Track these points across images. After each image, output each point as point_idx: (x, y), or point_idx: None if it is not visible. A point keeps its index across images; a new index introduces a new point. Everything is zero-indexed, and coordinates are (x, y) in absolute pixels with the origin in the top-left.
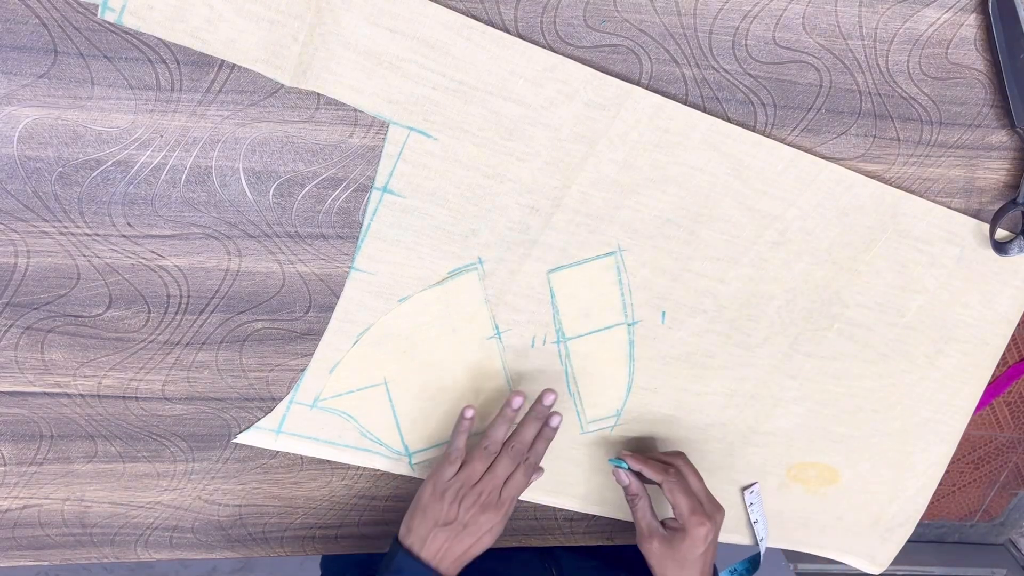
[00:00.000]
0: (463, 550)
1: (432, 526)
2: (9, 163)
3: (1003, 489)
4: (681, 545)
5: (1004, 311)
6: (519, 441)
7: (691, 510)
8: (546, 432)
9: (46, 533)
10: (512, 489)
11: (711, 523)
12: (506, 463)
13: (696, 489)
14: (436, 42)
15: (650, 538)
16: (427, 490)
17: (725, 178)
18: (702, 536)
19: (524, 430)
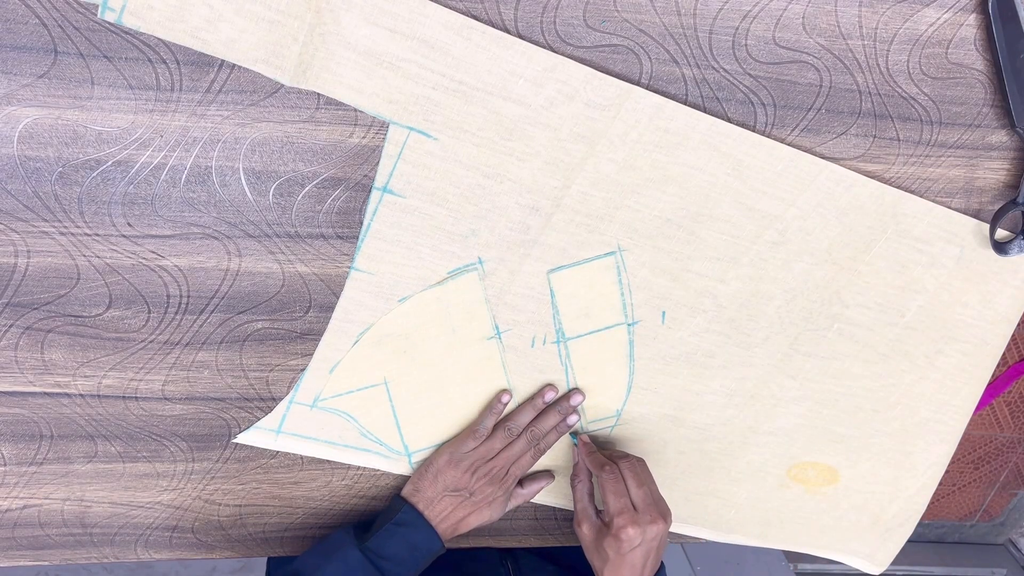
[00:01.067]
0: (462, 517)
1: (442, 490)
2: (9, 163)
3: (1003, 489)
4: (604, 540)
5: (1004, 311)
6: (539, 428)
7: (618, 511)
8: (561, 427)
9: (46, 533)
10: (519, 468)
11: (637, 529)
12: (522, 444)
13: (634, 494)
14: (436, 42)
15: (580, 522)
16: (443, 457)
17: (725, 178)
18: (624, 539)
19: (546, 419)
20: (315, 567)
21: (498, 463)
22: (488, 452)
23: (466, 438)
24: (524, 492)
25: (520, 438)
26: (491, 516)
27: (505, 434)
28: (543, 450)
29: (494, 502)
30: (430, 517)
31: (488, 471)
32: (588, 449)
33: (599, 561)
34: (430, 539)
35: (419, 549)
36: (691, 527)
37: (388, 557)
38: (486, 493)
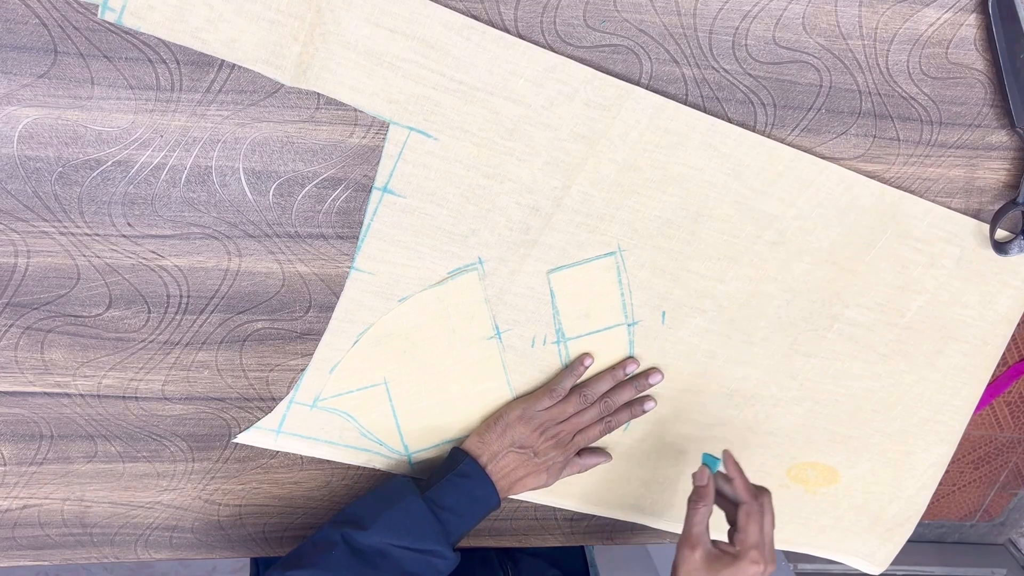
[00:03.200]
0: (521, 476)
1: (508, 445)
2: (9, 163)
3: (1003, 489)
4: (723, 570)
5: (1004, 311)
6: (613, 400)
7: (755, 544)
8: (635, 408)
9: (46, 533)
10: (584, 437)
11: (764, 567)
12: (594, 413)
13: (766, 531)
14: (436, 42)
15: (695, 547)
16: (515, 412)
17: (725, 178)
18: (749, 573)
19: (621, 392)
20: (376, 513)
21: (567, 427)
22: (560, 414)
23: (542, 396)
24: (582, 462)
25: (593, 406)
26: (547, 481)
27: (580, 399)
28: (613, 427)
29: (552, 466)
30: (492, 472)
31: (556, 433)
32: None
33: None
34: (490, 494)
35: (479, 502)
36: None
37: (448, 507)
38: (549, 456)
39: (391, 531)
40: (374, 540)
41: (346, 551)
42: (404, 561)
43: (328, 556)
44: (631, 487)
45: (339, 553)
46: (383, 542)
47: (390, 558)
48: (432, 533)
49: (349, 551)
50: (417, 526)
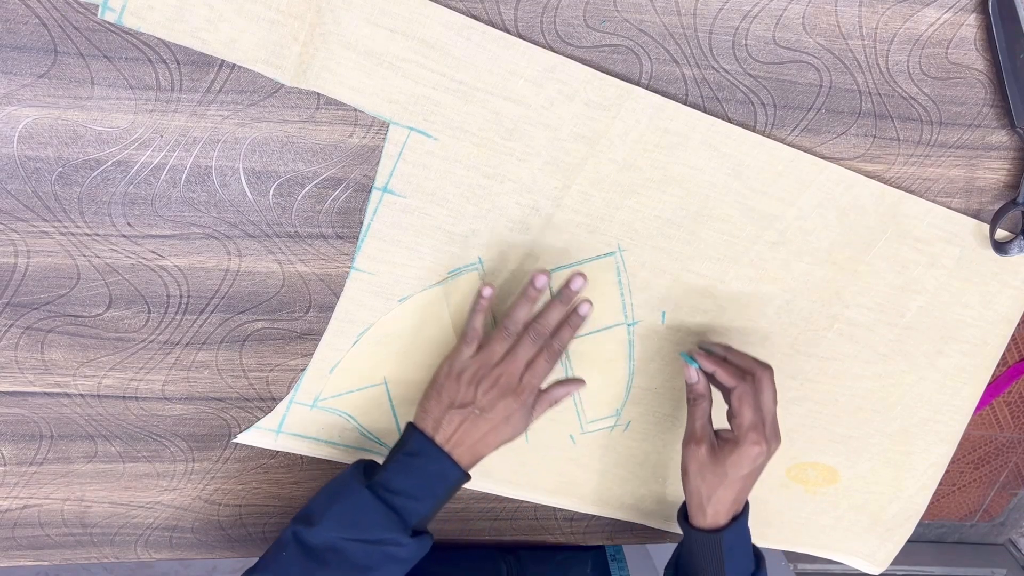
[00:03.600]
0: (479, 436)
1: (447, 407)
2: (9, 163)
3: (1003, 489)
4: (728, 458)
5: (1004, 311)
6: (541, 323)
7: (752, 425)
8: (573, 319)
9: (46, 533)
10: (533, 376)
11: (767, 446)
12: (527, 345)
13: (766, 408)
14: (436, 42)
15: (699, 442)
16: (443, 370)
17: (725, 178)
18: (752, 455)
19: (548, 313)
20: (325, 508)
21: (505, 370)
22: (489, 357)
23: (460, 345)
24: (548, 396)
25: (523, 338)
26: (513, 432)
27: (502, 335)
28: (558, 351)
29: (511, 417)
30: (441, 441)
31: (494, 381)
32: (717, 361)
33: (711, 483)
34: (445, 467)
35: (435, 479)
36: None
37: (400, 491)
38: (498, 407)
39: (339, 525)
40: (324, 536)
41: (296, 551)
42: (356, 555)
43: (279, 557)
44: (631, 487)
45: (289, 553)
46: (333, 537)
47: (341, 553)
48: (382, 521)
49: (300, 550)
50: (365, 517)
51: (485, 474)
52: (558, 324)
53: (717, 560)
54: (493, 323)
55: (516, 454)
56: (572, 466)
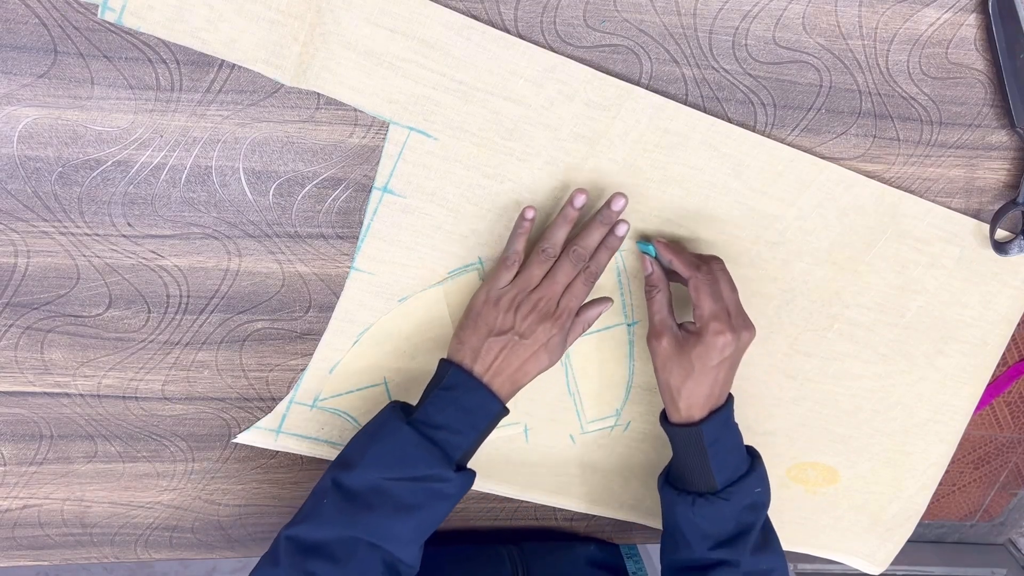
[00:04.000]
0: (518, 364)
1: (486, 335)
2: (9, 163)
3: (1003, 489)
4: (692, 350)
5: (1004, 311)
6: (582, 245)
7: (712, 314)
8: (611, 240)
9: (46, 533)
10: (570, 299)
11: (733, 335)
12: (566, 268)
13: (726, 297)
14: (436, 42)
15: (660, 335)
16: (480, 297)
17: (725, 178)
18: (718, 345)
19: (589, 234)
20: (363, 450)
21: (544, 294)
22: (528, 282)
23: (499, 270)
24: (581, 320)
25: (561, 261)
26: (550, 360)
27: (541, 257)
28: (595, 273)
29: (550, 342)
30: (480, 372)
31: (533, 305)
32: (673, 250)
33: (678, 376)
34: (485, 399)
35: (475, 413)
36: None
37: (440, 426)
38: (537, 333)
39: (380, 465)
40: (365, 478)
41: (337, 496)
42: (402, 494)
43: (321, 505)
44: (631, 487)
45: (331, 500)
46: (375, 478)
47: (385, 493)
48: (426, 458)
49: (341, 496)
50: (407, 454)
51: (485, 474)
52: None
53: (700, 455)
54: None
55: (516, 454)
56: (572, 466)
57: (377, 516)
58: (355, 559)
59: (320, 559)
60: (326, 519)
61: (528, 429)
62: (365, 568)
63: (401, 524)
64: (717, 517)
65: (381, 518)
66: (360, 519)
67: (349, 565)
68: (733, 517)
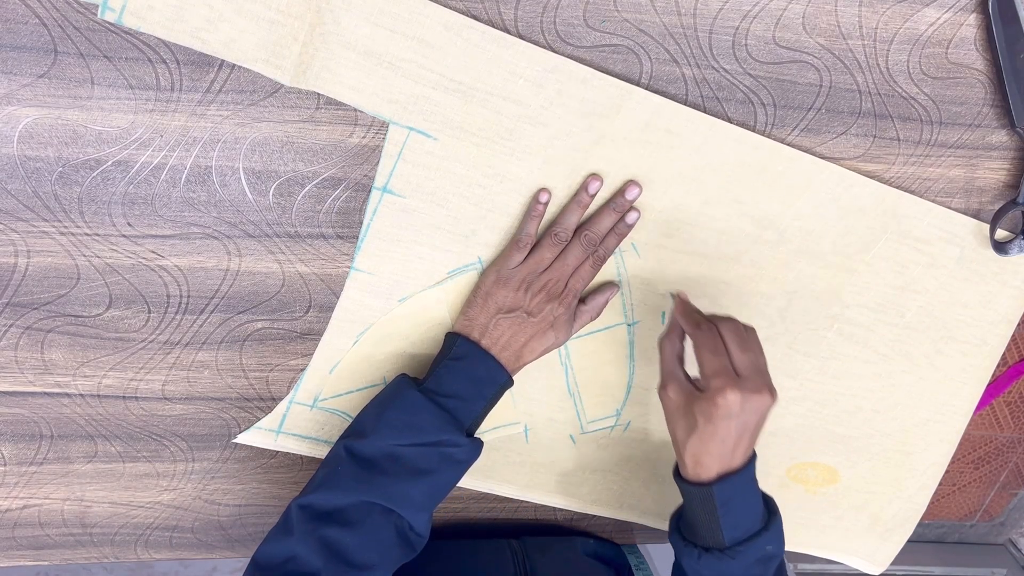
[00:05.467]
0: (525, 340)
1: (495, 313)
2: (9, 163)
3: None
4: (696, 404)
5: (1004, 311)
6: (593, 231)
7: (713, 371)
8: (621, 227)
9: (46, 533)
10: (578, 280)
11: (736, 395)
12: (577, 252)
13: (736, 358)
14: (436, 42)
15: (666, 384)
16: (490, 277)
17: (725, 178)
18: (720, 404)
19: (601, 219)
20: (376, 417)
21: (553, 275)
22: (538, 264)
23: (511, 250)
24: (588, 308)
25: (572, 244)
26: (556, 340)
27: (552, 240)
28: (603, 257)
29: (556, 322)
30: (488, 346)
31: (543, 286)
32: (685, 306)
33: (683, 430)
34: (492, 370)
35: (483, 382)
36: None
37: (451, 394)
38: (545, 312)
39: (394, 431)
40: (378, 445)
41: (351, 464)
42: (415, 459)
43: (334, 472)
44: (631, 487)
45: (345, 467)
46: (388, 444)
47: (399, 459)
48: (438, 423)
49: (355, 463)
50: (419, 419)
51: (485, 474)
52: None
53: (709, 513)
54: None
55: (516, 454)
56: (572, 466)
57: (392, 480)
58: (368, 523)
59: (334, 524)
60: (341, 486)
61: (528, 429)
62: (378, 531)
63: (415, 488)
64: (724, 571)
65: (396, 482)
66: (376, 483)
67: (362, 528)
68: (741, 572)
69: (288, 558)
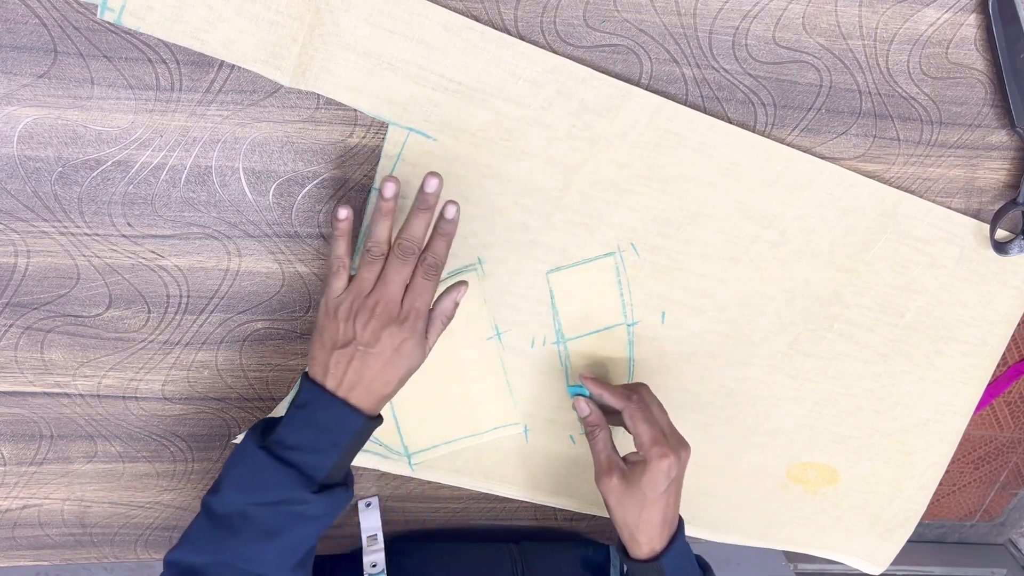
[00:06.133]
0: (373, 375)
1: (331, 348)
2: (9, 163)
3: (1003, 489)
4: (641, 479)
5: (1004, 311)
6: (405, 237)
7: (653, 440)
8: (442, 226)
9: (46, 533)
10: (415, 298)
11: (674, 456)
12: (396, 265)
13: (660, 420)
14: (435, 43)
15: (609, 473)
16: (321, 309)
17: (724, 178)
18: (664, 469)
19: (410, 224)
20: (224, 475)
21: (380, 296)
22: (361, 288)
23: (329, 279)
24: (436, 314)
25: (390, 259)
26: (409, 365)
27: (367, 259)
28: (434, 265)
29: (401, 347)
30: (333, 387)
31: (371, 311)
32: (603, 385)
33: (634, 511)
34: (341, 415)
35: (332, 430)
36: (691, 527)
37: (296, 446)
38: (383, 340)
39: (240, 489)
40: (228, 502)
41: (206, 520)
42: (263, 519)
43: (194, 528)
44: None
45: (199, 524)
46: (238, 502)
47: (248, 518)
48: (282, 481)
49: (208, 519)
50: (263, 478)
51: (485, 474)
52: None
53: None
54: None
55: (516, 454)
56: (572, 466)
57: (242, 540)
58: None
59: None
60: (198, 544)
61: (528, 429)
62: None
63: (265, 549)
64: None
65: (246, 542)
66: (228, 544)
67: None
68: None
69: None
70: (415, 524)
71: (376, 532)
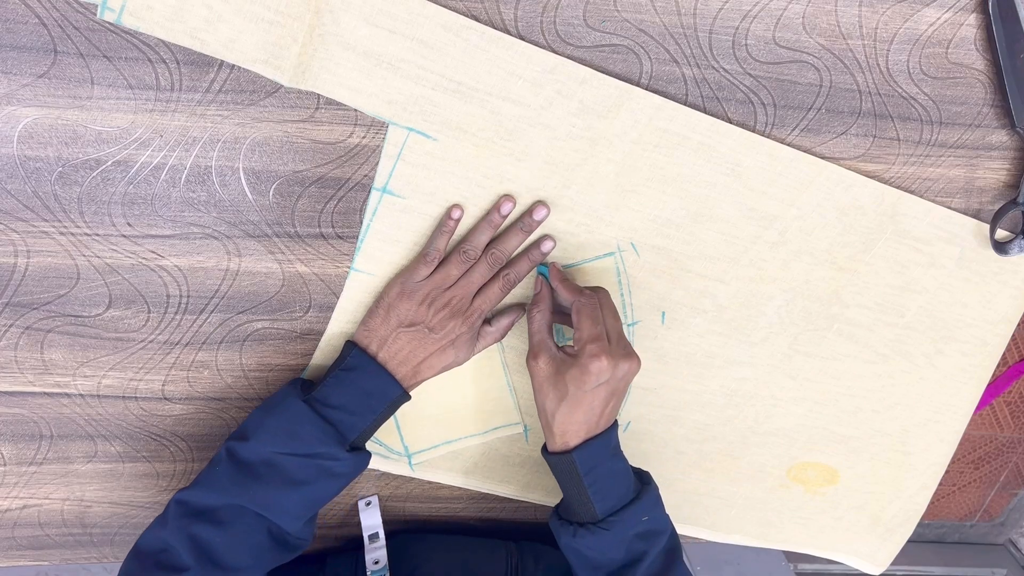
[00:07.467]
0: (424, 356)
1: (396, 326)
2: (9, 163)
3: (1003, 489)
4: (567, 372)
5: (1004, 311)
6: (499, 248)
7: (591, 337)
8: (533, 253)
9: (46, 533)
10: (484, 300)
11: (609, 360)
12: (483, 270)
13: (608, 324)
14: (435, 43)
15: (537, 354)
16: (394, 289)
17: (724, 178)
18: (593, 370)
19: (507, 239)
20: (259, 422)
21: (458, 292)
22: (444, 280)
23: (417, 264)
24: (493, 330)
25: (479, 262)
26: (456, 358)
27: (460, 257)
28: (513, 281)
29: (458, 340)
30: (384, 359)
31: (447, 302)
32: (562, 275)
33: (553, 399)
34: (384, 384)
35: (373, 396)
36: (691, 527)
37: (336, 406)
38: (447, 328)
39: (274, 439)
40: (258, 450)
41: (230, 465)
42: (291, 469)
43: (213, 471)
44: None
45: (223, 468)
46: (267, 451)
47: (276, 467)
48: (318, 434)
49: (233, 465)
50: (300, 430)
51: (485, 474)
52: (517, 254)
53: (577, 484)
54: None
55: (516, 454)
56: None
57: (265, 487)
58: (239, 525)
59: (206, 523)
60: (217, 486)
61: (528, 429)
62: (249, 535)
63: (288, 497)
64: (602, 547)
65: (269, 490)
66: (249, 489)
67: (233, 530)
68: (621, 546)
69: (162, 549)
70: (415, 524)
71: (377, 530)
